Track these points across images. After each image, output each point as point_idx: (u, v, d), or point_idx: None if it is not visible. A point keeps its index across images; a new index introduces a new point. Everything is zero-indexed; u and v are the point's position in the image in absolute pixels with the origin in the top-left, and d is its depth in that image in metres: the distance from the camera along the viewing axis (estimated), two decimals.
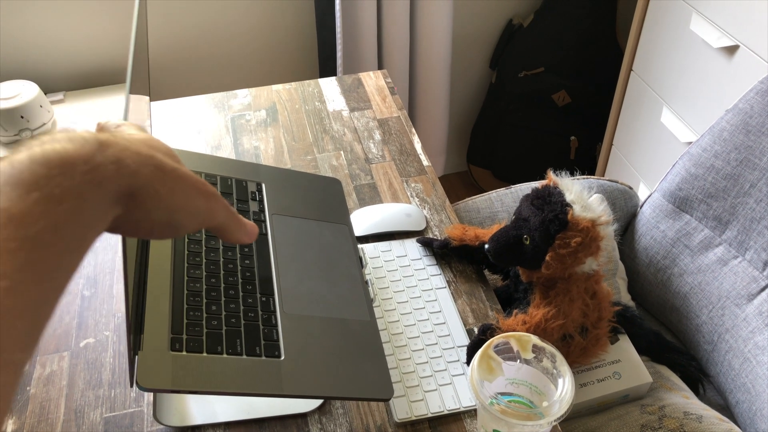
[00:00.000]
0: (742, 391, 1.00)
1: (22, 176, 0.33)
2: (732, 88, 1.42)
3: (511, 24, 1.99)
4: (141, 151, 0.40)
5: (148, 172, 0.39)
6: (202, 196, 0.43)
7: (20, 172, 0.33)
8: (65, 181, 0.34)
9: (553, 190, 0.79)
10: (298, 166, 1.08)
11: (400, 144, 1.13)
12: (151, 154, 0.40)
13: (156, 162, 0.40)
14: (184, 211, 0.42)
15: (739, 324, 1.02)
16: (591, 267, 0.80)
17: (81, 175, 0.35)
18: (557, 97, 2.02)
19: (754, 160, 1.01)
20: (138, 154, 0.39)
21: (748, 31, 1.36)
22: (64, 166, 0.35)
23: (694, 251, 1.10)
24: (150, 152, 0.40)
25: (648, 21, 1.65)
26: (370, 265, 0.91)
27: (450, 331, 0.82)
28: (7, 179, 0.33)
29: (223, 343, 0.62)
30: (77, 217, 0.35)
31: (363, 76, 1.30)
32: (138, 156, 0.39)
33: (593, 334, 0.85)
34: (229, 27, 1.79)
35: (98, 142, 0.37)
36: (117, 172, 0.37)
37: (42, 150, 0.35)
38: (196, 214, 0.43)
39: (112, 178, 0.37)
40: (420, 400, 0.74)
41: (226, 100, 1.23)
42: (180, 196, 0.41)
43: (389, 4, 1.74)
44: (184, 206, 0.42)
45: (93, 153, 0.36)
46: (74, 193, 0.35)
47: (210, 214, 0.44)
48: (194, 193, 0.43)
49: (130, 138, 0.41)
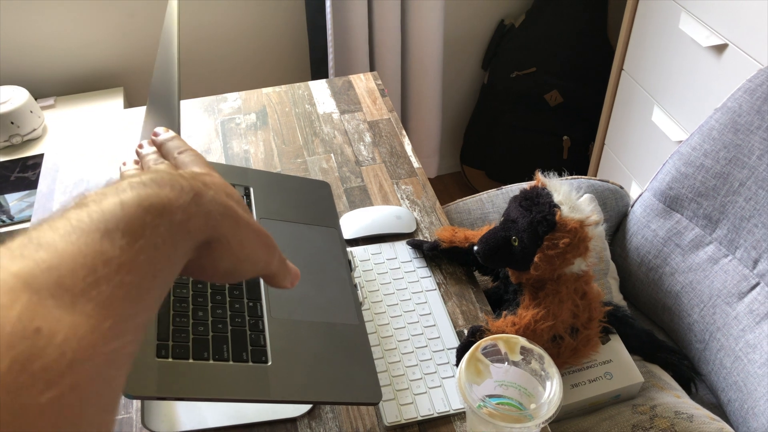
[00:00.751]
0: (734, 390, 1.00)
1: (131, 223, 0.34)
2: (721, 86, 1.42)
3: (503, 24, 2.00)
4: (223, 201, 0.41)
5: (227, 223, 0.41)
6: (265, 248, 0.45)
7: (129, 218, 0.34)
8: (166, 230, 0.35)
9: (541, 191, 0.79)
10: (287, 170, 1.07)
11: (391, 146, 1.13)
12: (230, 204, 0.41)
13: (233, 213, 0.41)
14: (248, 262, 0.43)
15: (730, 322, 1.02)
16: (580, 267, 0.80)
17: (178, 225, 0.37)
18: (549, 97, 2.02)
19: (743, 158, 1.01)
20: (221, 206, 0.40)
21: (736, 29, 1.36)
22: (166, 215, 0.36)
23: (685, 250, 1.10)
24: (229, 202, 0.41)
25: (638, 20, 1.66)
26: (360, 268, 0.90)
27: (440, 334, 0.82)
28: (117, 224, 0.33)
29: (209, 349, 0.62)
30: (169, 264, 0.36)
31: (353, 78, 1.30)
32: (221, 207, 0.40)
33: (584, 334, 0.85)
34: (219, 30, 1.79)
35: (193, 191, 0.38)
36: (206, 224, 0.39)
37: (147, 195, 0.35)
38: (257, 265, 0.45)
39: (201, 230, 0.39)
40: (410, 404, 0.74)
41: (215, 103, 1.23)
42: (247, 248, 0.43)
43: (380, 5, 1.74)
44: (249, 257, 0.43)
45: (189, 203, 0.38)
46: (170, 241, 0.36)
47: (268, 264, 0.46)
48: (259, 245, 0.44)
49: (212, 185, 0.41)
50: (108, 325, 0.30)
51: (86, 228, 0.32)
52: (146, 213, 0.35)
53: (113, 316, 0.31)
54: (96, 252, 0.31)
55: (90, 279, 0.30)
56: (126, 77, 1.78)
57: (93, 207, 0.34)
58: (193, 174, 0.41)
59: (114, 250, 0.32)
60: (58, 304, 0.28)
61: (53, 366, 0.26)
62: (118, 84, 1.78)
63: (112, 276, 0.31)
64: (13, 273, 0.28)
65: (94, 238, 0.32)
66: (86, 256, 0.31)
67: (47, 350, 0.26)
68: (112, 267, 0.32)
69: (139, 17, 1.70)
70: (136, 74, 1.78)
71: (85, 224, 0.32)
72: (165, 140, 0.50)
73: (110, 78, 1.77)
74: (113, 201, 0.34)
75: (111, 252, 0.32)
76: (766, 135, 0.98)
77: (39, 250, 0.30)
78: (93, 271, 0.31)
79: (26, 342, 0.26)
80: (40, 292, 0.28)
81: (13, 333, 0.26)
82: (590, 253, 0.79)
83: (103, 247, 0.32)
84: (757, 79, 1.01)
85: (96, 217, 0.33)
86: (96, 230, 0.32)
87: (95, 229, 0.32)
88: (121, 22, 1.69)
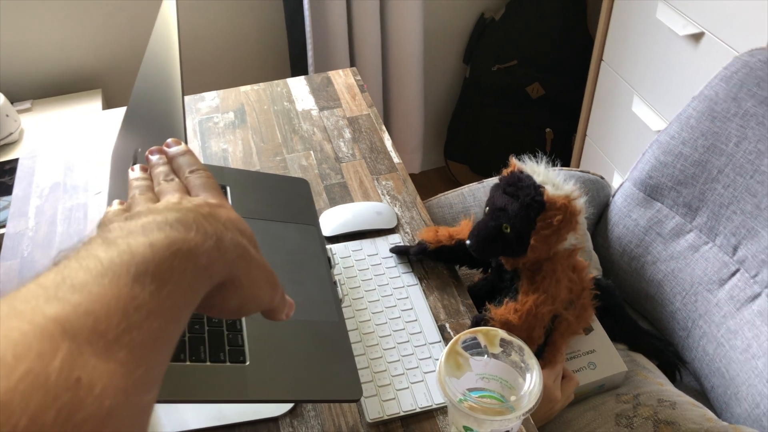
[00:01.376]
0: (717, 376, 1.01)
1: (160, 267, 0.34)
2: (699, 74, 1.43)
3: (483, 18, 1.99)
4: (239, 242, 0.41)
5: (242, 265, 0.41)
6: (270, 287, 0.45)
7: (159, 262, 0.34)
8: (191, 275, 0.36)
9: (522, 175, 0.79)
10: (267, 168, 1.07)
11: (371, 142, 1.12)
12: (243, 244, 0.42)
13: (247, 254, 0.42)
14: (254, 301, 0.44)
15: (711, 309, 1.03)
16: (571, 242, 0.81)
17: (202, 269, 0.37)
18: (531, 90, 2.03)
19: (721, 145, 1.01)
20: (238, 247, 0.41)
21: (712, 17, 1.36)
22: (191, 260, 0.36)
23: (666, 239, 1.10)
24: (242, 242, 0.42)
25: (616, 11, 1.66)
26: (341, 265, 0.90)
27: (422, 329, 0.82)
28: (147, 267, 0.33)
29: (186, 350, 0.61)
30: (191, 308, 0.37)
31: (332, 74, 1.29)
32: (238, 249, 0.41)
33: (579, 304, 0.86)
34: (197, 29, 1.78)
35: (216, 235, 0.39)
36: (223, 267, 0.39)
37: (175, 239, 0.36)
38: (261, 303, 0.45)
39: (219, 273, 0.39)
40: (392, 399, 0.74)
41: (193, 103, 1.22)
42: (256, 288, 0.43)
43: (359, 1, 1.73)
44: (256, 296, 0.44)
45: (212, 248, 0.38)
46: (194, 285, 0.36)
47: (271, 301, 0.46)
48: (266, 285, 0.44)
49: (229, 223, 0.42)
50: (140, 373, 0.30)
51: (117, 270, 0.32)
52: (174, 257, 0.35)
53: (145, 364, 0.31)
54: (128, 297, 0.31)
55: (123, 325, 0.30)
56: (104, 79, 1.76)
57: (122, 246, 0.34)
58: (210, 211, 0.41)
59: (144, 295, 0.32)
60: (95, 351, 0.29)
61: (94, 416, 0.27)
62: (97, 86, 1.76)
63: (143, 322, 0.31)
64: (51, 318, 0.28)
65: (126, 282, 0.32)
66: (119, 301, 0.31)
67: (87, 401, 0.27)
68: (142, 313, 0.32)
69: (117, 17, 1.68)
70: (115, 75, 1.76)
71: (116, 266, 0.32)
72: (177, 154, 0.49)
73: (88, 80, 1.75)
74: (143, 242, 0.34)
75: (142, 297, 0.32)
76: (742, 122, 0.99)
77: (74, 292, 0.30)
78: (126, 317, 0.31)
79: (69, 393, 0.26)
80: (77, 338, 0.28)
81: (57, 384, 0.26)
82: (580, 226, 0.79)
83: (135, 292, 0.32)
84: (732, 66, 1.01)
85: (126, 259, 0.33)
86: (126, 273, 0.32)
87: (126, 272, 0.32)
88: (98, 23, 1.67)
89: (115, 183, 0.83)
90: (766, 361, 0.92)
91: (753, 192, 0.97)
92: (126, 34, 1.71)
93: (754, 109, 0.97)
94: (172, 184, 0.46)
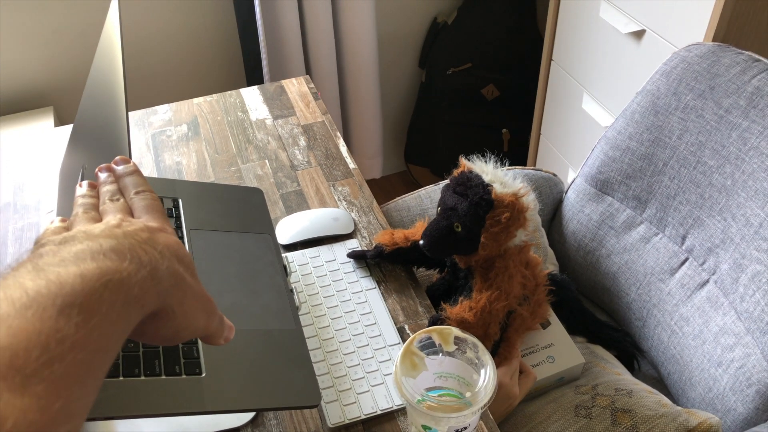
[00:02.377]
0: (672, 363, 1.04)
1: (88, 298, 0.33)
2: (642, 71, 1.47)
3: (436, 22, 2.02)
4: (175, 271, 0.41)
5: (176, 294, 0.41)
6: (206, 315, 0.44)
7: (87, 294, 0.34)
8: (121, 306, 0.35)
9: (470, 174, 0.81)
10: (222, 179, 1.06)
11: (326, 148, 1.13)
12: (179, 273, 0.41)
13: (183, 283, 0.41)
14: (187, 330, 0.43)
15: (664, 298, 1.06)
16: (521, 238, 0.82)
17: (133, 299, 0.36)
18: (486, 91, 2.06)
19: (665, 138, 1.05)
20: (173, 276, 0.40)
21: (652, 15, 1.41)
22: (123, 290, 0.36)
23: (619, 231, 1.13)
24: (178, 270, 0.41)
25: (562, 11, 1.70)
26: (299, 272, 0.90)
27: (381, 331, 0.83)
28: (75, 299, 0.33)
29: (140, 365, 0.61)
30: (121, 338, 0.36)
31: (285, 83, 1.29)
32: (171, 277, 0.40)
33: (534, 300, 0.88)
34: (149, 42, 1.76)
35: (151, 264, 0.38)
36: (157, 297, 0.39)
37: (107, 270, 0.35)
38: (195, 331, 0.44)
39: (152, 302, 0.39)
40: (353, 403, 0.75)
41: (146, 117, 1.21)
42: (189, 317, 0.43)
43: (310, 8, 1.74)
44: (190, 326, 0.43)
45: (145, 278, 0.37)
46: (124, 316, 0.36)
47: (206, 329, 0.45)
48: (201, 313, 0.44)
49: (166, 249, 0.41)
50: (58, 406, 0.30)
51: (43, 302, 0.32)
52: (104, 288, 0.34)
53: (63, 398, 0.30)
54: (52, 329, 0.31)
55: (43, 358, 0.30)
56: (55, 96, 1.73)
57: (52, 276, 0.33)
58: (149, 237, 0.41)
59: (69, 327, 0.32)
60: (9, 386, 0.28)
61: None
62: (48, 103, 1.73)
63: (66, 354, 0.31)
64: None
65: (51, 314, 0.32)
66: (41, 334, 0.31)
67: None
68: (65, 345, 0.31)
69: (64, 34, 1.65)
70: (66, 92, 1.74)
71: (42, 297, 0.32)
72: (124, 174, 0.49)
73: (39, 97, 1.72)
74: (73, 272, 0.34)
75: (66, 330, 0.32)
76: (683, 115, 1.02)
77: None
78: (46, 350, 0.30)
79: None
80: None
81: None
82: (529, 223, 0.81)
83: (59, 325, 0.31)
84: (671, 62, 1.05)
85: (54, 290, 0.33)
86: (53, 305, 0.32)
87: (51, 304, 0.32)
88: (45, 39, 1.64)
89: (63, 200, 0.82)
90: (716, 345, 0.95)
91: (696, 182, 1.00)
92: (75, 50, 1.69)
93: (693, 102, 1.00)
94: (116, 204, 0.46)
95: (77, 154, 0.78)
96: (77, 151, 0.79)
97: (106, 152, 0.63)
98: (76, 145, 0.81)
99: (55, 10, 1.61)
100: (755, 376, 0.88)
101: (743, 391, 0.90)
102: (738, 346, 0.92)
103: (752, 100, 0.94)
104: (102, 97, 0.71)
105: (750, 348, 0.90)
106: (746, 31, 1.24)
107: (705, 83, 1.00)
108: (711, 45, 1.03)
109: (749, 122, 0.94)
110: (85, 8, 1.63)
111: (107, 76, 0.69)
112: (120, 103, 0.62)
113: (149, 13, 1.71)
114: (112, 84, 0.67)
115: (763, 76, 0.95)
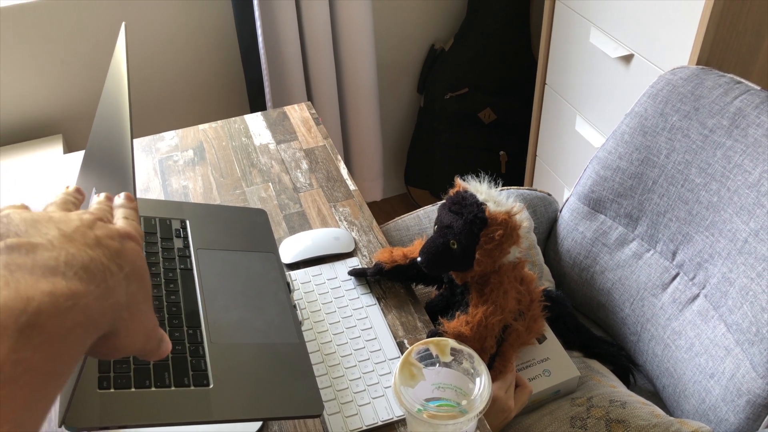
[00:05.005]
0: (666, 376, 1.06)
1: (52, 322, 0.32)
2: (632, 93, 1.52)
3: (434, 49, 2.08)
4: (132, 294, 0.40)
5: (126, 317, 0.40)
6: (145, 339, 0.43)
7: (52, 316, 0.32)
8: (81, 331, 0.34)
9: (465, 194, 0.85)
10: (227, 201, 1.10)
11: (327, 171, 1.17)
12: (136, 298, 0.40)
13: (134, 307, 0.40)
14: (125, 350, 0.42)
15: (657, 313, 1.09)
16: (515, 255, 0.86)
17: (92, 324, 0.35)
18: (483, 115, 2.11)
19: (653, 158, 1.08)
20: (129, 299, 0.39)
21: (639, 40, 1.46)
22: (85, 315, 0.34)
23: (612, 248, 1.16)
24: (136, 295, 0.40)
25: (554, 37, 1.75)
26: (302, 290, 0.93)
27: (381, 346, 0.86)
28: (39, 319, 0.31)
29: (151, 377, 0.64)
30: (76, 360, 0.35)
31: (288, 109, 1.34)
32: (128, 302, 0.39)
33: (530, 315, 0.91)
34: (156, 71, 1.81)
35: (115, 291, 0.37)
36: (111, 318, 0.38)
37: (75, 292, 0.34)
38: (132, 351, 0.43)
39: (106, 326, 0.38)
40: (354, 415, 0.77)
41: (153, 143, 1.25)
42: (131, 339, 0.41)
43: (311, 36, 1.80)
44: (129, 346, 0.42)
45: (108, 304, 0.36)
46: (82, 340, 0.35)
47: (141, 350, 0.44)
48: (141, 337, 0.43)
49: (130, 270, 0.40)
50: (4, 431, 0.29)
51: (5, 319, 0.30)
52: (70, 312, 0.33)
53: (9, 422, 0.29)
54: (9, 350, 0.30)
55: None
56: (64, 123, 1.78)
57: (21, 286, 0.32)
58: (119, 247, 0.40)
59: (27, 350, 0.30)
60: None
61: None
62: (57, 131, 1.78)
63: (18, 378, 0.30)
64: None
65: (11, 333, 0.30)
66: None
67: None
68: (19, 369, 0.30)
69: (73, 64, 1.71)
70: (74, 120, 1.79)
71: (6, 311, 0.31)
72: (121, 205, 0.47)
73: (48, 126, 1.77)
74: (42, 289, 0.32)
75: (23, 353, 0.30)
76: (670, 135, 1.06)
77: None
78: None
79: None
80: None
81: None
82: (522, 240, 0.84)
83: (17, 345, 0.30)
84: (657, 84, 1.09)
85: (20, 306, 0.31)
86: (15, 323, 0.30)
87: (14, 322, 0.30)
88: (55, 69, 1.70)
89: None
90: (707, 357, 0.98)
91: (684, 200, 1.04)
92: (83, 79, 1.74)
93: (680, 122, 1.04)
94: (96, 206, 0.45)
95: (88, 179, 0.82)
96: (88, 176, 0.83)
97: (113, 178, 0.67)
98: (87, 171, 0.85)
99: (64, 41, 1.67)
100: (745, 386, 0.91)
101: (734, 401, 0.92)
102: (728, 357, 0.94)
103: (735, 120, 0.98)
104: (110, 123, 0.75)
105: (740, 359, 0.92)
106: (728, 54, 1.29)
107: (690, 104, 1.04)
108: (695, 68, 1.07)
109: (732, 141, 0.98)
110: (92, 41, 1.69)
111: (115, 103, 0.74)
112: (125, 129, 0.66)
113: (157, 45, 1.76)
114: (119, 111, 0.71)
115: (745, 97, 0.99)
